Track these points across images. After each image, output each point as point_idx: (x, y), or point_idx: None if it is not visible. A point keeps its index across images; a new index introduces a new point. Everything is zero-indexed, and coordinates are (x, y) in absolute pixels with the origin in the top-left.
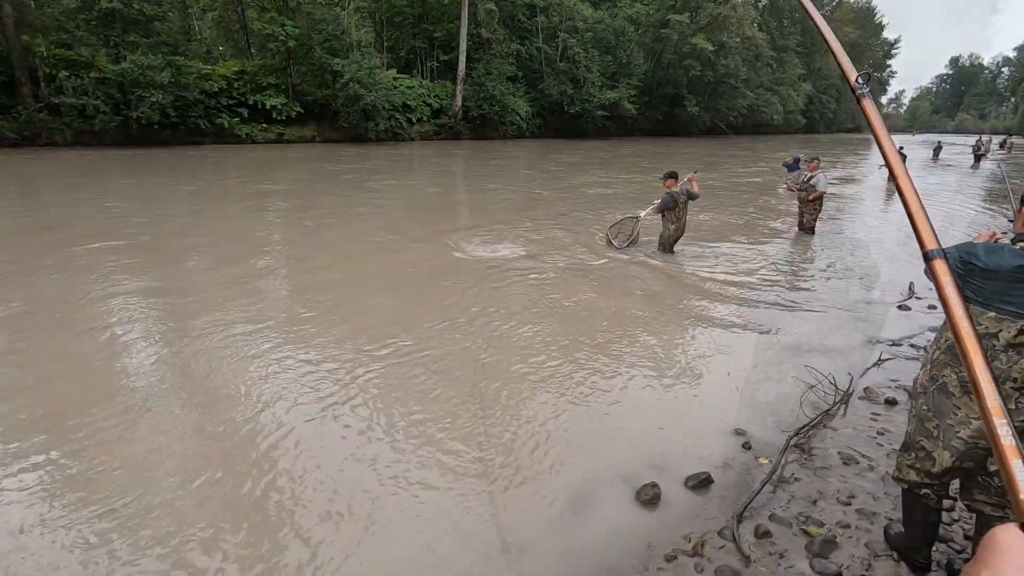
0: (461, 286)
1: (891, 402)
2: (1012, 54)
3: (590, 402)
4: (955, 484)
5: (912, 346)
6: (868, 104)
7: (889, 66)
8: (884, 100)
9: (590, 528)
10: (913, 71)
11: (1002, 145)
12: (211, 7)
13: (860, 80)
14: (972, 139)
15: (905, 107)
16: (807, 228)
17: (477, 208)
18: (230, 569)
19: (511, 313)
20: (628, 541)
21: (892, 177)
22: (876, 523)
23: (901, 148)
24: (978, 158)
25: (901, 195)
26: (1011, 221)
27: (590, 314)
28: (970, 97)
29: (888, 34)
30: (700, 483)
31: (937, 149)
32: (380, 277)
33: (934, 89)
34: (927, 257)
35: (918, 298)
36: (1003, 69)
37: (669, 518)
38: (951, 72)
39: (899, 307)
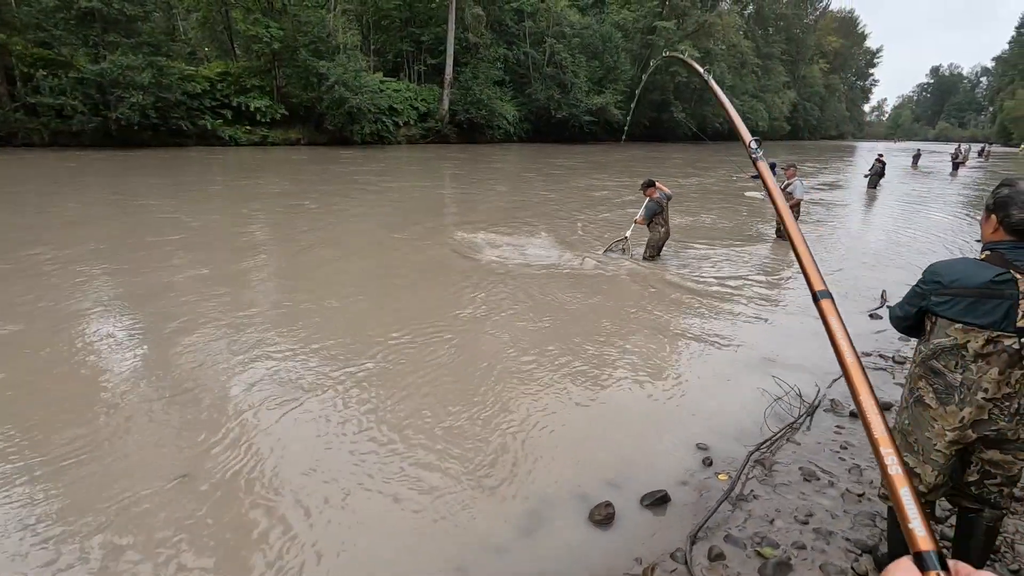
0: (444, 285)
1: (856, 415)
2: (990, 64)
3: (549, 415)
4: None
5: (881, 356)
6: (763, 166)
7: (872, 74)
8: (867, 108)
9: (540, 550)
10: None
11: (980, 153)
12: (195, 8)
13: (754, 143)
14: (951, 147)
15: (887, 115)
16: (784, 235)
17: (466, 209)
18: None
19: (477, 318)
20: (577, 565)
21: (783, 231)
22: (832, 543)
23: (880, 156)
24: (956, 166)
25: (791, 242)
26: None
27: (559, 323)
28: (950, 106)
29: (871, 43)
30: (656, 501)
31: (916, 157)
32: (372, 276)
33: (915, 98)
34: (815, 298)
35: (890, 306)
36: (981, 79)
37: (622, 539)
38: (931, 81)
39: (870, 315)
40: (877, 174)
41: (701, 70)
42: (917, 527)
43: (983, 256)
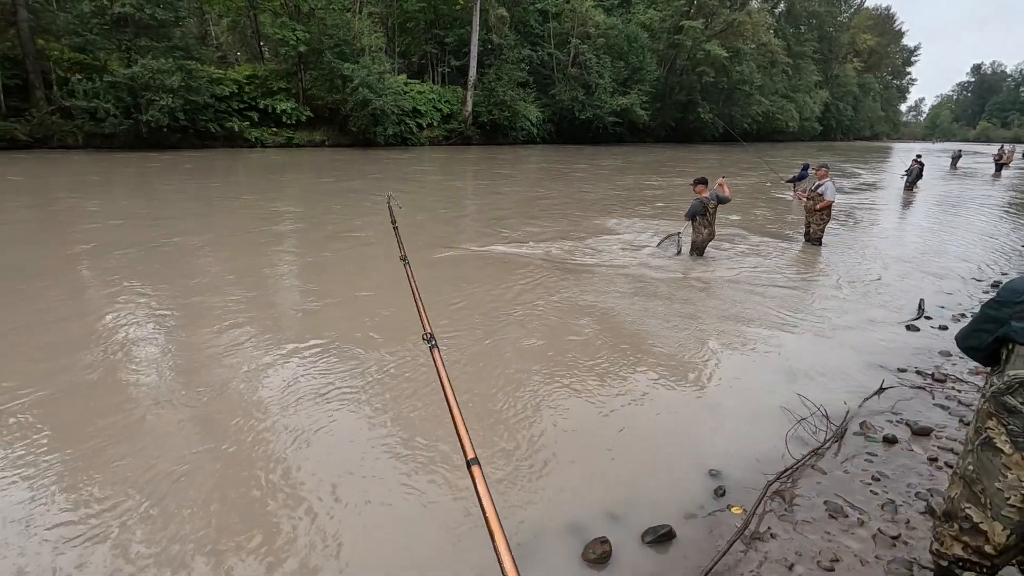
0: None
1: (890, 440)
2: None
3: (548, 430)
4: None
5: (918, 373)
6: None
7: (908, 73)
8: (903, 107)
9: None
10: (934, 78)
11: None
12: (226, 13)
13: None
14: (994, 148)
15: (925, 115)
16: (814, 239)
17: (498, 206)
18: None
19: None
20: None
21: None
22: None
23: (919, 156)
24: (1000, 167)
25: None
26: None
27: (573, 327)
28: (992, 105)
29: (908, 41)
30: (659, 538)
31: (956, 157)
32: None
33: (955, 97)
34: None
35: (927, 317)
36: None
37: None
38: (973, 79)
39: (907, 327)
40: (915, 175)
41: None
42: None
43: None
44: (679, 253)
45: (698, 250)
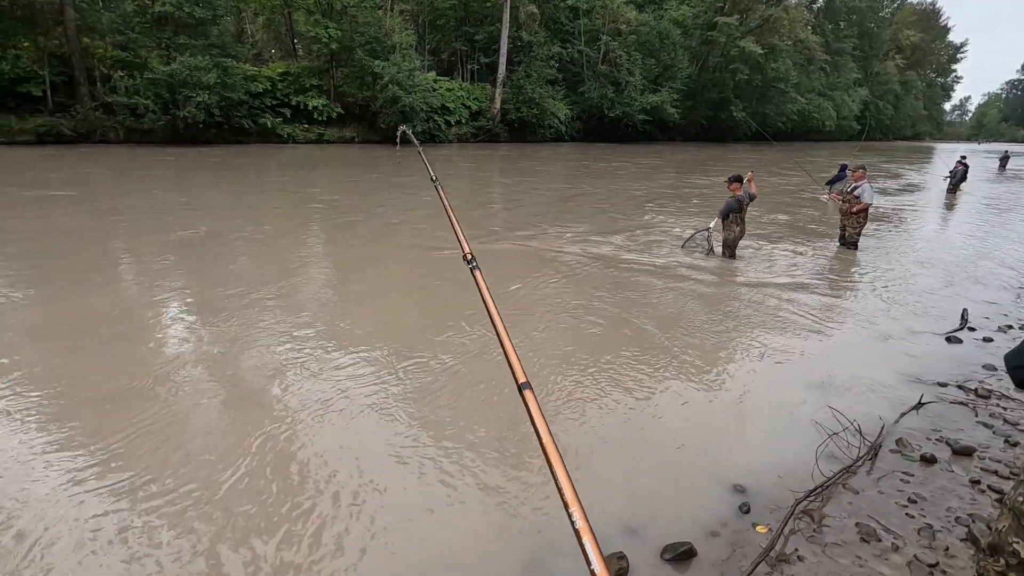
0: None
1: (928, 459)
2: None
3: (568, 436)
4: None
5: (960, 388)
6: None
7: (954, 71)
8: (947, 107)
9: None
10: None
11: None
12: (262, 11)
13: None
14: None
15: (971, 114)
16: (849, 243)
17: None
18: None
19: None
20: None
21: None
22: None
23: (963, 158)
24: None
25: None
26: None
27: (598, 327)
28: None
29: (954, 37)
30: (678, 556)
31: (1004, 159)
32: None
33: (1004, 95)
34: (520, 388)
35: (971, 329)
36: None
37: None
38: (1023, 77)
39: (947, 339)
40: (959, 177)
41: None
42: None
43: None
44: (710, 252)
45: (730, 249)
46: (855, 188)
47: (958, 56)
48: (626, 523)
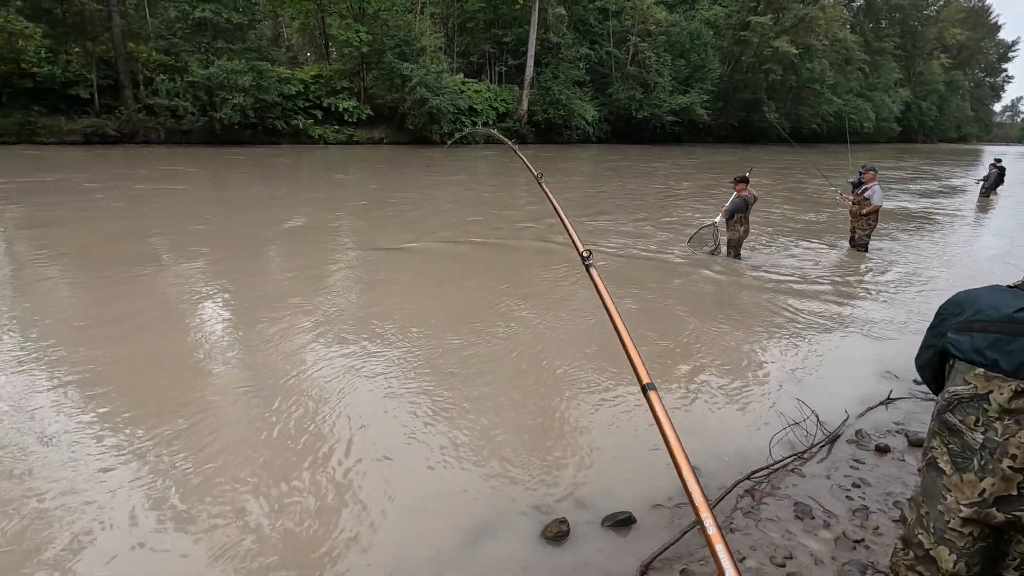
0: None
1: (882, 449)
2: None
3: (531, 418)
4: None
5: None
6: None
7: (1005, 70)
8: (997, 108)
9: (478, 563)
10: None
11: None
12: (297, 16)
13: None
14: None
15: (1023, 115)
16: (859, 244)
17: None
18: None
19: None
20: None
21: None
22: None
23: (998, 161)
24: None
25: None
26: None
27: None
28: None
29: (1005, 35)
30: (619, 523)
31: None
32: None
33: None
34: (644, 390)
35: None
36: None
37: (571, 561)
38: None
39: None
40: (992, 181)
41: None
42: None
43: (1018, 283)
44: (715, 250)
45: (735, 248)
46: (865, 190)
47: (1009, 55)
48: (578, 495)
